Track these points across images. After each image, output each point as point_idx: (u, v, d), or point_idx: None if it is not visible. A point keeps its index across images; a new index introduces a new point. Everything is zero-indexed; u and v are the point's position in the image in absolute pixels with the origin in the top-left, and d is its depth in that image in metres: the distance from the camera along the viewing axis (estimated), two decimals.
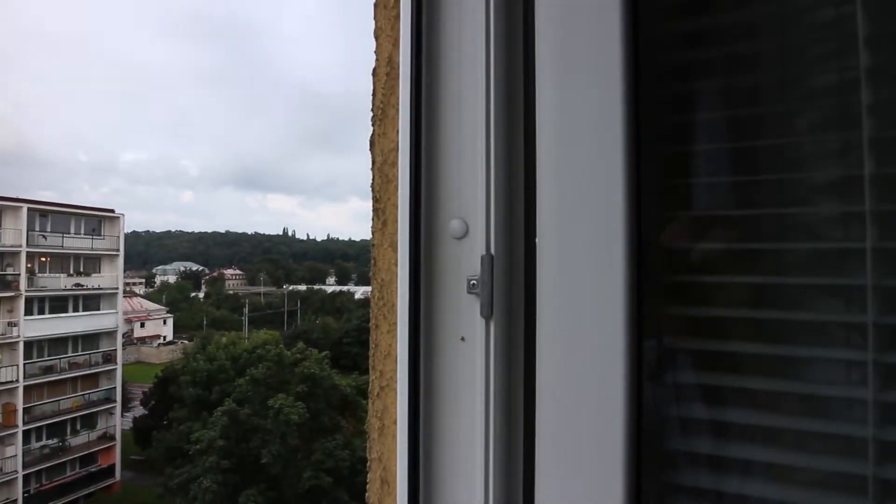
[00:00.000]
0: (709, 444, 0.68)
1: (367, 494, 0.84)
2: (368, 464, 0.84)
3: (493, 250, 0.69)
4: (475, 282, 0.69)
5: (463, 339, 0.71)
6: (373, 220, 0.85)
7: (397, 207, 0.75)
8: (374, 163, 0.85)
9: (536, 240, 0.66)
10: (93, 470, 29.34)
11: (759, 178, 0.68)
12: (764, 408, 0.66)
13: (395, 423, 0.78)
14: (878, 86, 0.59)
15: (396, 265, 0.76)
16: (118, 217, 32.84)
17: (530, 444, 0.67)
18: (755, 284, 0.67)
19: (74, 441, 29.22)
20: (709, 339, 0.69)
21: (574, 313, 0.64)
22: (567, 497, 0.63)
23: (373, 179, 0.85)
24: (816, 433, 0.64)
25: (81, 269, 31.04)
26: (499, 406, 0.69)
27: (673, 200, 0.71)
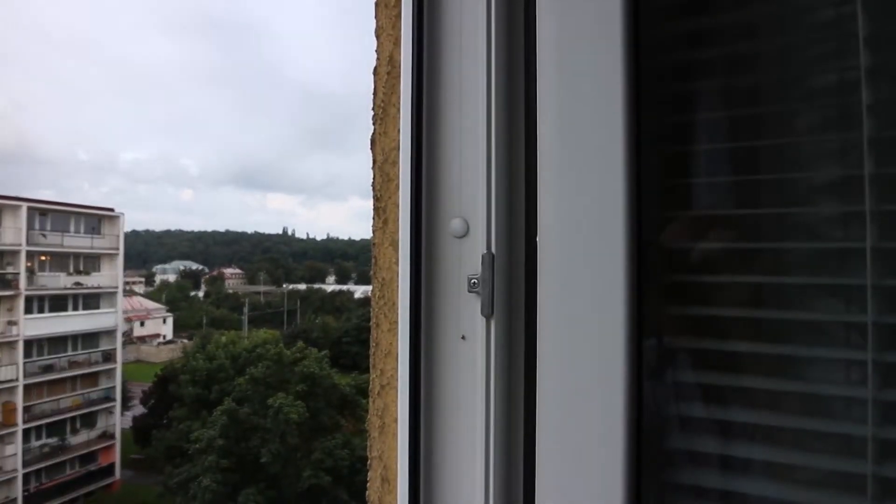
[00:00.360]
0: (709, 443, 0.68)
1: (367, 493, 0.85)
2: (369, 462, 0.85)
3: (493, 249, 0.69)
4: (476, 280, 0.69)
5: (464, 337, 0.71)
6: (374, 218, 0.85)
7: (398, 206, 0.75)
8: (374, 161, 0.85)
9: (537, 239, 0.66)
10: (92, 469, 29.33)
11: (760, 177, 0.69)
12: (764, 407, 0.66)
13: (395, 421, 0.78)
14: (879, 86, 0.59)
15: (397, 264, 0.76)
16: (118, 216, 32.83)
17: (531, 442, 0.67)
18: (755, 284, 0.68)
19: (74, 440, 29.21)
20: (709, 338, 0.69)
21: (575, 312, 0.64)
22: (567, 495, 0.63)
23: (373, 178, 0.85)
24: (816, 432, 0.64)
25: (81, 268, 31.04)
26: (499, 404, 0.69)
27: (673, 200, 0.71)
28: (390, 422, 0.81)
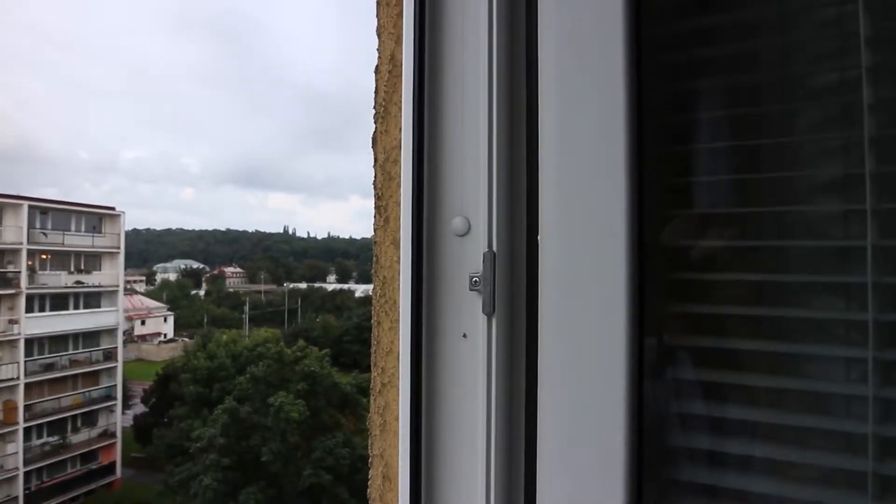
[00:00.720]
0: (710, 440, 0.68)
1: (368, 490, 0.85)
2: (370, 460, 0.85)
3: (495, 247, 0.69)
4: (477, 279, 0.70)
5: (465, 335, 0.71)
6: (375, 217, 0.85)
7: (399, 205, 0.75)
8: (376, 160, 0.85)
9: (539, 237, 0.66)
10: (93, 467, 29.37)
11: (761, 176, 0.69)
12: (765, 404, 0.66)
13: (396, 419, 0.78)
14: (880, 84, 0.59)
15: (398, 262, 0.77)
16: (119, 215, 32.85)
17: (532, 440, 0.67)
18: (757, 282, 0.68)
19: (75, 438, 29.24)
20: (710, 335, 0.69)
21: (576, 310, 0.64)
22: (568, 492, 0.63)
23: (375, 177, 0.85)
24: (817, 429, 0.64)
25: (82, 267, 31.06)
26: (500, 402, 0.69)
27: (675, 198, 0.71)
28: (391, 420, 0.81)
